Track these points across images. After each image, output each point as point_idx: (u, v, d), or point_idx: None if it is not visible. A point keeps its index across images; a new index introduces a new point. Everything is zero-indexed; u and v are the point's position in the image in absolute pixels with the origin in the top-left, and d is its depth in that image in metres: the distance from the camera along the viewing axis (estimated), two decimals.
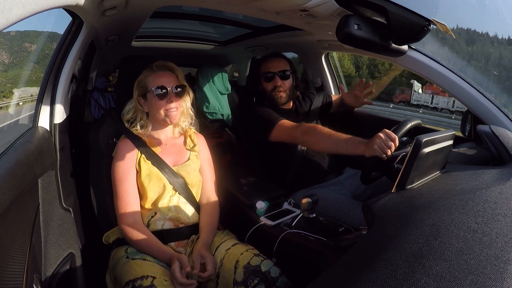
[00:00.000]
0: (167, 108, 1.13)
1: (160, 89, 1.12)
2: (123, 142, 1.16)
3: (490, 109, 1.30)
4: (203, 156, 1.28)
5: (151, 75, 1.15)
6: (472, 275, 0.50)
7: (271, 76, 1.59)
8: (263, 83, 1.62)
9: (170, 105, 1.13)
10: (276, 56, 1.65)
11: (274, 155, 1.55)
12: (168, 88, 1.13)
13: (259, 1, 1.07)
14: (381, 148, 1.05)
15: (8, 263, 0.67)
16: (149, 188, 1.10)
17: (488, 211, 0.70)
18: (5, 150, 0.83)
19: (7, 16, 0.45)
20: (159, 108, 1.13)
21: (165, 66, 1.18)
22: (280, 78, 1.59)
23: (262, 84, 1.63)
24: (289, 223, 1.16)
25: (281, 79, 1.59)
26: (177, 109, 1.15)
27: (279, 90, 1.59)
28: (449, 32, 1.01)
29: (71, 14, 0.97)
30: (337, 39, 1.01)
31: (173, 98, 1.13)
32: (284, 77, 1.60)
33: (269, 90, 1.61)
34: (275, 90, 1.59)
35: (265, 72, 1.61)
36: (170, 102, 1.13)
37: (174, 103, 1.13)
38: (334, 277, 0.58)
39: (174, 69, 1.19)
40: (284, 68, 1.61)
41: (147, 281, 0.90)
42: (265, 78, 1.61)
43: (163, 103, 1.13)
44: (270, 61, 1.63)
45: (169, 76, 1.16)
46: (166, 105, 1.13)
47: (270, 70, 1.60)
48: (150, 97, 1.14)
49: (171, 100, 1.13)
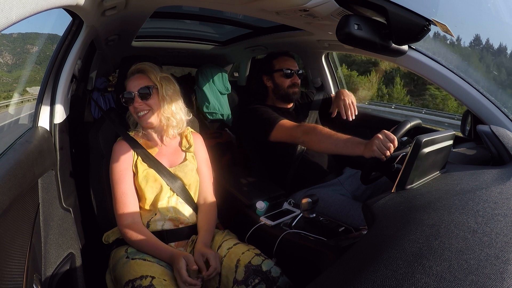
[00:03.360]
0: (135, 112, 1.15)
1: (126, 95, 1.14)
2: (120, 144, 1.16)
3: (490, 109, 1.29)
4: (200, 156, 1.27)
5: (127, 81, 1.17)
6: (472, 275, 0.50)
7: (291, 73, 1.62)
8: (279, 78, 1.63)
9: (136, 109, 1.13)
10: (290, 55, 1.70)
11: (274, 155, 1.55)
12: (133, 92, 1.13)
13: (259, 1, 1.07)
14: (380, 149, 1.05)
15: (8, 263, 0.67)
16: (146, 189, 1.11)
17: (488, 211, 0.69)
18: (5, 150, 0.83)
19: (7, 16, 0.45)
20: (132, 112, 1.16)
21: (137, 69, 1.17)
22: (298, 76, 1.64)
23: (278, 79, 1.64)
24: (289, 223, 1.16)
25: (298, 77, 1.64)
26: (148, 111, 1.13)
27: (296, 87, 1.63)
28: (449, 32, 1.01)
29: (71, 14, 0.97)
30: (337, 39, 1.02)
31: (137, 102, 1.13)
32: (299, 76, 1.66)
33: (286, 86, 1.63)
34: (292, 87, 1.62)
35: (284, 68, 1.63)
36: (136, 106, 1.13)
37: (141, 106, 1.13)
38: (334, 277, 0.58)
39: (146, 71, 1.15)
40: (298, 68, 1.66)
41: (146, 281, 0.90)
42: (284, 74, 1.63)
43: (132, 108, 1.15)
44: (287, 59, 1.66)
45: (138, 79, 1.14)
46: (134, 109, 1.14)
47: (290, 68, 1.63)
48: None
49: (136, 105, 1.13)
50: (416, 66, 1.38)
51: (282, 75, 1.62)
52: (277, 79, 1.64)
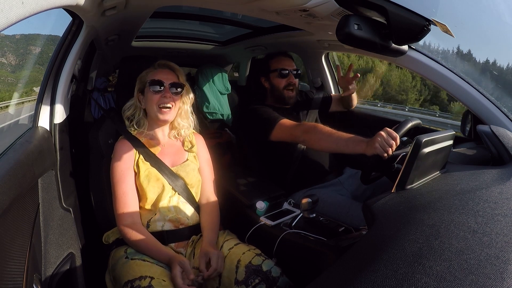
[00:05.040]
0: (160, 104, 1.13)
1: (156, 83, 1.12)
2: (121, 143, 1.16)
3: (490, 109, 1.29)
4: (202, 157, 1.28)
5: (152, 72, 1.16)
6: (472, 275, 0.50)
7: (286, 73, 1.61)
8: (275, 79, 1.63)
9: (163, 100, 1.12)
10: (287, 55, 1.68)
11: (274, 155, 1.55)
12: (164, 83, 1.13)
13: (259, 1, 1.07)
14: (383, 147, 1.05)
15: (8, 263, 0.67)
16: (148, 189, 1.10)
17: (488, 211, 0.69)
18: (5, 150, 0.83)
19: (7, 16, 0.45)
20: (153, 102, 1.13)
21: (166, 64, 1.19)
22: (294, 76, 1.62)
23: (274, 80, 1.63)
24: (289, 223, 1.16)
25: (295, 77, 1.62)
26: (172, 108, 1.15)
27: (291, 88, 1.61)
28: (449, 32, 1.01)
29: (71, 14, 0.97)
30: (337, 39, 1.02)
31: (167, 94, 1.13)
32: (296, 76, 1.63)
33: (282, 87, 1.61)
34: (288, 88, 1.61)
35: (280, 68, 1.61)
36: (164, 97, 1.12)
37: (168, 99, 1.13)
38: (334, 277, 0.58)
39: (176, 69, 1.19)
40: (295, 67, 1.64)
41: (145, 282, 0.90)
42: (280, 75, 1.61)
43: (157, 98, 1.13)
44: (283, 59, 1.64)
45: (168, 73, 1.16)
46: (159, 100, 1.12)
47: (286, 67, 1.61)
48: (146, 91, 1.14)
49: (165, 96, 1.12)
50: (416, 66, 1.38)
51: (278, 75, 1.61)
52: (273, 80, 1.63)
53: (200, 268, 1.00)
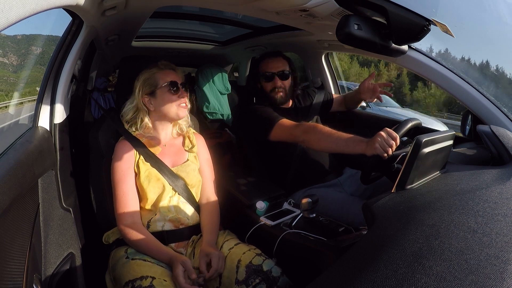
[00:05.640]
0: (179, 103, 1.17)
1: (174, 85, 1.16)
2: (122, 144, 1.16)
3: (490, 109, 1.29)
4: (203, 157, 1.28)
5: (159, 73, 1.17)
6: (472, 275, 0.50)
7: (270, 76, 1.59)
8: (262, 82, 1.62)
9: (181, 100, 1.17)
10: (276, 56, 1.65)
11: (274, 155, 1.55)
12: (178, 83, 1.17)
13: (259, 1, 1.07)
14: (383, 147, 1.05)
15: (8, 263, 0.67)
16: (148, 189, 1.10)
17: (488, 211, 0.70)
18: (5, 150, 0.83)
19: (7, 16, 0.45)
20: (172, 103, 1.17)
21: (169, 65, 1.21)
22: (279, 78, 1.59)
23: (262, 83, 1.62)
24: (289, 223, 1.16)
25: (281, 79, 1.59)
26: (186, 105, 1.20)
27: (278, 90, 1.59)
28: (449, 32, 1.01)
29: (71, 14, 0.97)
30: (337, 39, 1.02)
31: (183, 93, 1.18)
32: (283, 77, 1.60)
33: (268, 90, 1.61)
34: (274, 91, 1.59)
35: (264, 72, 1.61)
36: (182, 97, 1.18)
37: (185, 97, 1.19)
38: (334, 277, 0.58)
39: (176, 69, 1.23)
40: (283, 68, 1.60)
41: (146, 282, 0.90)
42: (264, 78, 1.61)
43: (175, 98, 1.16)
44: (270, 61, 1.62)
45: (174, 73, 1.20)
46: (178, 100, 1.17)
47: (270, 70, 1.59)
48: (161, 93, 1.16)
49: (183, 95, 1.18)
50: (416, 66, 1.38)
51: (264, 79, 1.61)
52: (262, 83, 1.63)
53: (201, 268, 1.00)
